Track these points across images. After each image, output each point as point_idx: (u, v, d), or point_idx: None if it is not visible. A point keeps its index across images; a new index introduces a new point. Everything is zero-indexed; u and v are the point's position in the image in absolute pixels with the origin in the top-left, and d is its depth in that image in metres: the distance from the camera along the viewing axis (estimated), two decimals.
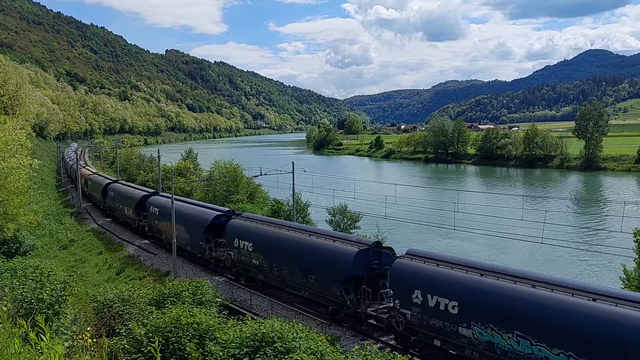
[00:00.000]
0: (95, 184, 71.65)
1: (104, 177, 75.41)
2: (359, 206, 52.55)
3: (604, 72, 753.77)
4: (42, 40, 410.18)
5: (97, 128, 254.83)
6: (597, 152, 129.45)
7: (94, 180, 73.39)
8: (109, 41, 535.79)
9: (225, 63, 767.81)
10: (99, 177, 75.66)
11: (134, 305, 24.05)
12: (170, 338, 18.77)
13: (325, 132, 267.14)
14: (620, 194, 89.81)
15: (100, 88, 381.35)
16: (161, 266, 41.38)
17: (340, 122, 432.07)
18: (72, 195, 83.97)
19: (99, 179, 72.48)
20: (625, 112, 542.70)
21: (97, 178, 74.19)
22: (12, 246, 42.94)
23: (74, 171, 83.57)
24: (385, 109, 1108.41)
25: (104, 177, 75.41)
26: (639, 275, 26.00)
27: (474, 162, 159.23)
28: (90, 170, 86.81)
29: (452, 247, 54.03)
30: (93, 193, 72.04)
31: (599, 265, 47.70)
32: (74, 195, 79.13)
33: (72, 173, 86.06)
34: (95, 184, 71.24)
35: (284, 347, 16.75)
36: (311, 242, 29.61)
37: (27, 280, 20.18)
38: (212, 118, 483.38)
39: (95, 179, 73.67)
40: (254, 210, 48.28)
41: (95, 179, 74.10)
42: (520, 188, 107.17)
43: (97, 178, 74.30)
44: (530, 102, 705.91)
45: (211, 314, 21.52)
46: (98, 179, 73.36)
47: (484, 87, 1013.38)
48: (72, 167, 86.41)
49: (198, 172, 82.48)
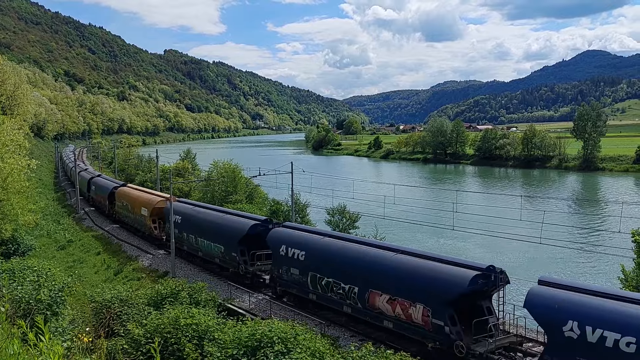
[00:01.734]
0: (99, 187, 68.17)
1: (110, 180, 71.50)
2: (357, 206, 52.54)
3: (602, 73, 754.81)
4: (40, 40, 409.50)
5: (95, 128, 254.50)
6: (595, 152, 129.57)
7: (98, 183, 69.94)
8: (107, 41, 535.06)
9: (223, 63, 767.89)
10: (103, 180, 72.10)
11: (132, 305, 24.04)
12: (169, 339, 18.76)
13: (324, 133, 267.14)
14: (618, 195, 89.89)
15: (99, 88, 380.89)
16: (159, 266, 41.32)
17: (339, 122, 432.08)
18: (71, 199, 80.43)
19: (104, 182, 69.03)
20: (624, 113, 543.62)
21: (102, 181, 70.74)
22: (10, 247, 42.85)
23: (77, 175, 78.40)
24: (384, 109, 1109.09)
25: (110, 180, 71.50)
26: (637, 275, 26.02)
27: (472, 162, 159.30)
28: (92, 173, 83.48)
29: (450, 247, 54.01)
30: (98, 198, 68.32)
31: (598, 265, 47.74)
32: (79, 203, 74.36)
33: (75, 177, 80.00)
34: (100, 187, 67.91)
35: (283, 348, 16.74)
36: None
37: (26, 281, 20.14)
38: (210, 118, 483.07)
39: (99, 182, 70.33)
40: (253, 210, 48.23)
41: (99, 181, 70.99)
42: (519, 188, 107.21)
43: (101, 181, 70.85)
44: (528, 103, 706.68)
45: (210, 314, 21.52)
46: (102, 182, 69.94)
47: (482, 88, 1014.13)
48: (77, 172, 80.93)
49: (197, 173, 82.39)
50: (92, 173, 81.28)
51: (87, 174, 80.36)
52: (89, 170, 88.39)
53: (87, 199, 73.74)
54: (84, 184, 74.57)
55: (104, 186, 65.89)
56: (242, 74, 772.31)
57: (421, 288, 22.50)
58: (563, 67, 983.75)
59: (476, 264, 23.09)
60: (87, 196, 73.56)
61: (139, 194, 53.30)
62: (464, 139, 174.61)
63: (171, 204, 40.80)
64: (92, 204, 71.47)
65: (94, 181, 71.78)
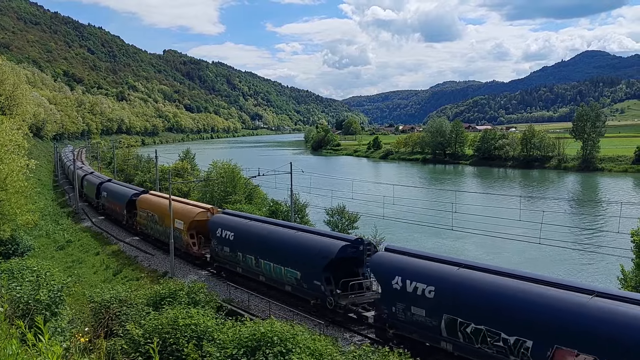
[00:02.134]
0: (113, 194, 59.68)
1: (125, 186, 62.24)
2: (357, 207, 52.56)
3: (601, 73, 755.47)
4: (39, 40, 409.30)
5: (95, 128, 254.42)
6: (594, 152, 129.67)
7: (112, 190, 61.30)
8: (107, 41, 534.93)
9: (222, 63, 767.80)
10: (117, 186, 63.28)
11: (131, 306, 24.03)
12: (167, 339, 18.76)
13: (324, 133, 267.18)
14: (617, 195, 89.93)
15: (98, 88, 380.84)
16: (159, 267, 41.29)
17: (338, 122, 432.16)
18: (72, 203, 75.25)
19: (119, 189, 60.06)
20: (623, 113, 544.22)
21: (116, 187, 61.90)
22: (9, 247, 42.84)
23: (78, 178, 74.84)
24: (383, 109, 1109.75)
25: (125, 186, 62.24)
26: (636, 275, 26.04)
27: (471, 162, 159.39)
28: (101, 177, 74.04)
29: (449, 247, 54.04)
30: (111, 206, 60.00)
31: (596, 265, 47.79)
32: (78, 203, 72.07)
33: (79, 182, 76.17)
34: (114, 194, 59.55)
35: (283, 348, 16.74)
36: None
37: (25, 282, 20.13)
38: (209, 118, 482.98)
39: (113, 188, 61.69)
40: (252, 211, 48.20)
41: (113, 187, 62.29)
42: (518, 189, 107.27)
43: (114, 187, 62.05)
44: (527, 103, 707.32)
45: (209, 314, 21.51)
46: (117, 188, 61.21)
47: (481, 88, 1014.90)
48: (82, 176, 76.96)
49: (196, 173, 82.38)
50: (101, 177, 73.48)
51: (95, 178, 73.30)
52: (95, 174, 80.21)
53: (96, 206, 67.13)
54: (91, 189, 68.95)
55: (119, 193, 57.72)
56: (241, 74, 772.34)
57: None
58: (562, 67, 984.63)
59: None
60: (95, 203, 67.05)
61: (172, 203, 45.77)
62: (463, 139, 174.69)
63: (215, 213, 38.05)
64: (103, 212, 64.37)
65: (106, 187, 63.49)
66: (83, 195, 75.04)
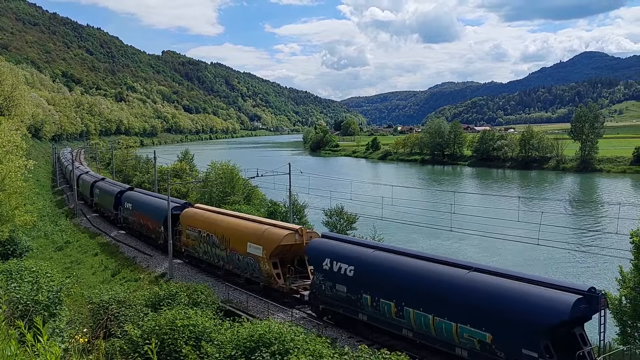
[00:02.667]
0: (145, 207, 50.05)
1: (159, 197, 51.46)
2: (355, 207, 52.61)
3: (599, 74, 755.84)
4: (37, 41, 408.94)
5: (93, 129, 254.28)
6: (592, 153, 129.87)
7: (140, 201, 51.93)
8: (105, 42, 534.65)
9: (221, 64, 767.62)
10: (148, 197, 53.16)
11: (130, 307, 24.03)
12: (166, 340, 18.76)
13: (322, 134, 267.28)
14: (615, 196, 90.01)
15: (96, 89, 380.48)
16: (157, 268, 41.27)
17: (337, 123, 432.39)
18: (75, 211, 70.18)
19: (151, 201, 50.30)
20: (621, 114, 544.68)
21: (146, 198, 52.18)
22: (7, 247, 42.80)
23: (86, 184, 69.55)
24: (382, 110, 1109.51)
25: (159, 197, 51.46)
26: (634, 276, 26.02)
27: (470, 163, 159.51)
28: (119, 185, 65.19)
29: (447, 248, 54.06)
30: (139, 220, 50.81)
31: (595, 266, 47.83)
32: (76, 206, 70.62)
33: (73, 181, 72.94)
34: (144, 206, 50.15)
35: (281, 349, 16.75)
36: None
37: (23, 282, 20.11)
38: (208, 119, 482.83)
39: (142, 199, 52.24)
40: (251, 212, 48.18)
41: (141, 198, 52.70)
42: (516, 189, 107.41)
43: (143, 198, 52.64)
44: (526, 104, 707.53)
45: (207, 315, 21.52)
46: (148, 199, 51.46)
47: (480, 89, 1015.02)
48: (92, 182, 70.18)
49: (194, 174, 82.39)
50: (118, 185, 64.59)
51: (111, 185, 64.65)
52: (108, 181, 71.09)
53: (114, 219, 58.54)
54: (107, 200, 60.70)
55: (153, 206, 48.16)
56: (240, 75, 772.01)
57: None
58: (560, 68, 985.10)
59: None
60: (113, 215, 58.33)
61: (238, 222, 36.53)
62: (462, 140, 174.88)
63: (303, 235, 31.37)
64: (123, 226, 55.96)
65: (129, 197, 54.61)
66: (94, 205, 68.41)
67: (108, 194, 60.69)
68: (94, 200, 67.84)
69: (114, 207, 57.37)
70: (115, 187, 62.24)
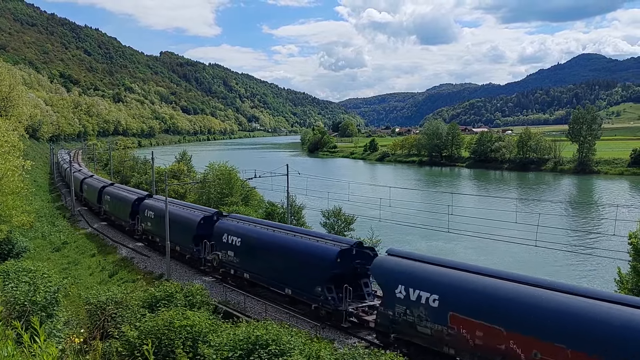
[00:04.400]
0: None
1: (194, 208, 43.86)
2: (353, 209, 52.60)
3: (597, 76, 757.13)
4: (35, 41, 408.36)
5: (91, 130, 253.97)
6: (590, 155, 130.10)
7: (181, 216, 41.89)
8: (103, 43, 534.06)
9: (219, 65, 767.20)
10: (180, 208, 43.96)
11: (127, 307, 23.98)
12: (163, 340, 18.72)
13: (320, 135, 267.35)
14: (613, 198, 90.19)
15: (94, 90, 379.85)
16: (155, 269, 41.20)
17: (335, 124, 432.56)
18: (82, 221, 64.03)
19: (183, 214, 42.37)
20: (618, 116, 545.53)
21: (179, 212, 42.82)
22: (4, 248, 42.72)
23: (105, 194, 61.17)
24: (380, 111, 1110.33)
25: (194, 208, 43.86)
26: (632, 278, 26.10)
27: (467, 165, 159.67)
28: (160, 199, 48.32)
29: (446, 249, 54.07)
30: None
31: (593, 268, 47.89)
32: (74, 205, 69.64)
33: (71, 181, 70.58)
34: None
35: (278, 350, 16.73)
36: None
37: (21, 283, 20.08)
38: (206, 120, 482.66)
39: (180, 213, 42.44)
40: (249, 213, 48.08)
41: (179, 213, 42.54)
42: (514, 191, 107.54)
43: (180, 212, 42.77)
44: (524, 106, 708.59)
45: (204, 316, 21.47)
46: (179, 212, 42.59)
47: (477, 91, 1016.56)
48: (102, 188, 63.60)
49: (192, 175, 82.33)
50: (133, 192, 56.12)
51: (127, 193, 56.95)
52: (118, 186, 64.71)
53: (130, 229, 52.17)
54: (122, 209, 54.08)
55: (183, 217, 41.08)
56: (238, 76, 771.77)
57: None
58: (558, 70, 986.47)
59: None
60: (130, 225, 51.97)
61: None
62: (460, 141, 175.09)
63: None
64: (142, 238, 49.59)
65: (149, 206, 47.49)
66: (103, 213, 61.83)
67: (121, 202, 54.87)
68: (103, 208, 61.93)
69: (131, 216, 51.37)
70: (131, 194, 55.57)
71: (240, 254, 33.55)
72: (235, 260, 34.07)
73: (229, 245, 34.41)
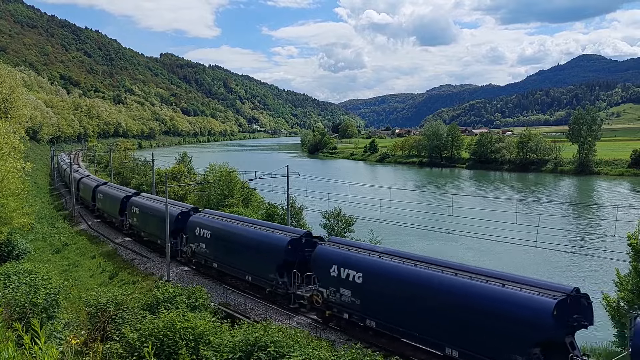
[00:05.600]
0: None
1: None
2: (353, 210, 52.59)
3: (597, 77, 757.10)
4: (36, 43, 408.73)
5: (91, 132, 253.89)
6: (590, 156, 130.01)
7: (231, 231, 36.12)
8: (103, 44, 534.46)
9: (219, 67, 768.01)
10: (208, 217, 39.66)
11: (127, 309, 23.97)
12: (165, 342, 18.71)
13: (320, 136, 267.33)
14: (613, 198, 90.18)
15: (95, 92, 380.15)
16: (155, 271, 41.21)
17: (335, 126, 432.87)
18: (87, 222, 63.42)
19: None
20: (619, 117, 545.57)
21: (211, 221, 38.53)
22: (4, 249, 42.74)
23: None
24: (380, 113, 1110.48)
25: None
26: (632, 279, 26.07)
27: (468, 166, 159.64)
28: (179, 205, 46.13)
29: (445, 250, 54.04)
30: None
31: (593, 269, 47.86)
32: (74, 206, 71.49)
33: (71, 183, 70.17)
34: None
35: (277, 352, 16.73)
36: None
37: (21, 285, 20.09)
38: (206, 122, 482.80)
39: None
40: (249, 214, 48.10)
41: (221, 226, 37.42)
42: (514, 192, 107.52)
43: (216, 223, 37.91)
44: (524, 107, 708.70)
45: (206, 318, 21.47)
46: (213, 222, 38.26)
47: (477, 92, 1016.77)
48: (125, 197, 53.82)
49: (192, 176, 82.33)
50: (178, 205, 45.93)
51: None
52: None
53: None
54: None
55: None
56: (238, 78, 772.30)
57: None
58: (558, 71, 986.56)
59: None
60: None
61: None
62: (460, 142, 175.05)
63: None
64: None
65: (198, 222, 39.31)
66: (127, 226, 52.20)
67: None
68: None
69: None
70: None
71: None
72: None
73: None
